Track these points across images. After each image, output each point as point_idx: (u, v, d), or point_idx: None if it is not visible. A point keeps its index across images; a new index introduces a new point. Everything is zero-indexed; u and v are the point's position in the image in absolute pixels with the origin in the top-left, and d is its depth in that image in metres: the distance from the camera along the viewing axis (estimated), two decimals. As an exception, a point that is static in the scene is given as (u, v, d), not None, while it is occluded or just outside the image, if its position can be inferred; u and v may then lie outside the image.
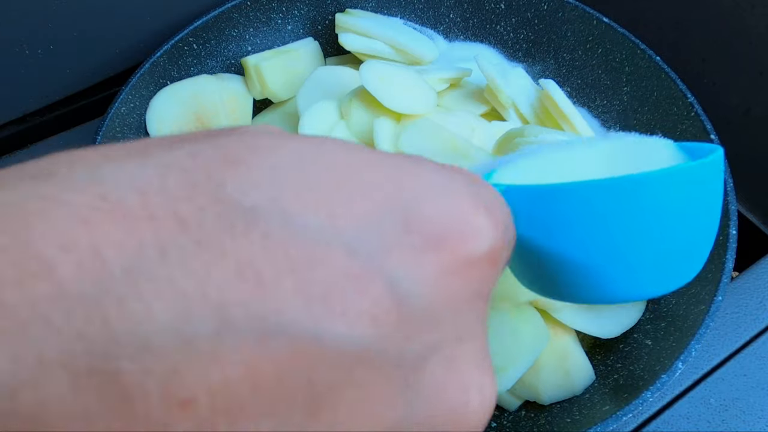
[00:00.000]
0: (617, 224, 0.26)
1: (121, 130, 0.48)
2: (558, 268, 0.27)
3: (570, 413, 0.40)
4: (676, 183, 0.26)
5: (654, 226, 0.26)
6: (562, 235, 0.26)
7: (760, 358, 0.43)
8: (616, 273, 0.27)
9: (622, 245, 0.26)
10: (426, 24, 0.60)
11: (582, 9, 0.54)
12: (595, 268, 0.27)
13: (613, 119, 0.54)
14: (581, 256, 0.26)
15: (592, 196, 0.26)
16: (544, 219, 0.26)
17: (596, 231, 0.26)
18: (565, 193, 0.26)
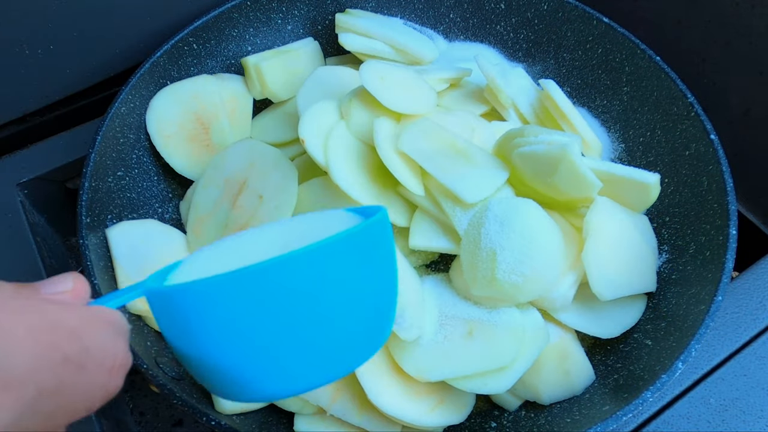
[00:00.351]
0: (265, 314, 0.22)
1: (121, 130, 0.48)
2: (220, 372, 0.24)
3: (570, 413, 0.40)
4: (321, 260, 0.22)
5: (316, 306, 0.23)
6: (208, 335, 0.23)
7: (760, 358, 0.43)
8: (278, 365, 0.23)
9: (281, 335, 0.23)
10: (426, 24, 0.60)
11: (582, 9, 0.54)
12: (256, 362, 0.23)
13: (613, 119, 0.54)
14: (234, 358, 0.23)
15: (216, 290, 0.22)
16: (187, 322, 0.23)
17: (244, 322, 0.22)
18: (186, 293, 0.22)
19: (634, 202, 0.45)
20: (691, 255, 0.44)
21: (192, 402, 0.36)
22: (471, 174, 0.42)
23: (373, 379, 0.39)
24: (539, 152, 0.41)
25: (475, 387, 0.38)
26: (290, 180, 0.44)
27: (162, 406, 0.52)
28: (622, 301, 0.43)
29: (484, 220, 0.40)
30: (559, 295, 0.41)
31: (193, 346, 0.24)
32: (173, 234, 0.46)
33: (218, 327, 0.23)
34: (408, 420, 0.38)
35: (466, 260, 0.41)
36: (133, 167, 0.50)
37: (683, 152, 0.48)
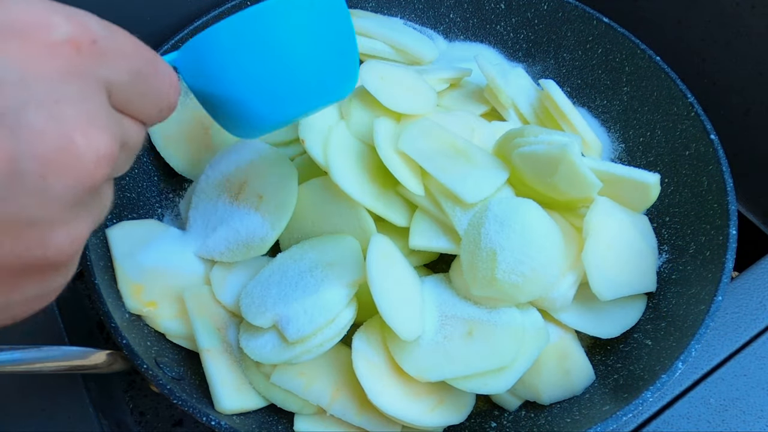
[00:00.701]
0: (251, 53, 0.30)
1: (121, 130, 0.48)
2: (230, 107, 0.31)
3: (570, 413, 0.40)
4: (289, 6, 0.30)
5: (287, 48, 0.31)
6: (218, 74, 0.31)
7: (760, 358, 0.43)
8: (269, 93, 0.31)
9: (263, 70, 0.30)
10: (426, 24, 0.60)
11: (582, 9, 0.54)
12: (253, 90, 0.31)
13: (613, 119, 0.54)
14: (236, 89, 0.31)
15: (224, 33, 0.30)
16: (203, 65, 0.31)
17: (239, 62, 0.30)
18: (206, 37, 0.30)
19: (634, 202, 0.45)
20: (691, 255, 0.44)
21: (192, 402, 0.37)
22: (471, 174, 0.42)
23: (373, 379, 0.39)
24: (539, 152, 0.41)
25: (475, 387, 0.38)
26: (290, 180, 0.44)
27: (162, 406, 0.52)
28: (622, 301, 0.43)
29: (484, 220, 0.40)
30: (559, 295, 0.41)
31: (212, 87, 0.31)
32: (173, 234, 0.46)
33: (230, 62, 0.30)
34: (408, 420, 0.38)
35: (466, 260, 0.41)
36: (133, 167, 0.50)
37: (683, 152, 0.48)
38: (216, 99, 0.32)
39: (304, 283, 0.40)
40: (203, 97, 0.32)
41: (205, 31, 0.31)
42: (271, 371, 0.40)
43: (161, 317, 0.42)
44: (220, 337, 0.42)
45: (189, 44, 0.31)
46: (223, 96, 0.31)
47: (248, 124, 0.33)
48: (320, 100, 0.34)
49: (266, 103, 0.32)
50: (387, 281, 0.38)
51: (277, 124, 0.33)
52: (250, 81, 0.31)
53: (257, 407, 0.41)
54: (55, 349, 0.37)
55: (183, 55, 0.31)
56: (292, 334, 0.38)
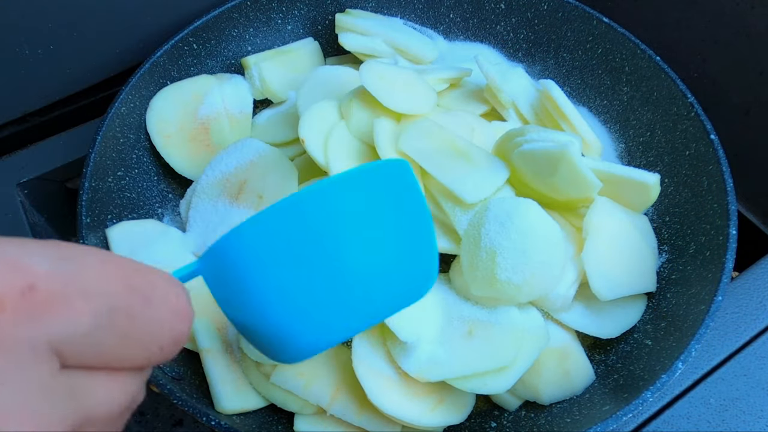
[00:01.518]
0: (288, 258, 0.23)
1: (121, 130, 0.48)
2: (265, 329, 0.24)
3: (570, 413, 0.40)
4: (345, 190, 0.23)
5: (338, 251, 0.23)
6: (247, 288, 0.23)
7: (760, 358, 0.43)
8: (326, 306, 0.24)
9: (305, 281, 0.23)
10: (426, 24, 0.60)
11: (582, 9, 0.54)
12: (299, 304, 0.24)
13: (613, 119, 0.54)
14: (270, 307, 0.24)
15: (251, 232, 0.23)
16: (229, 276, 0.24)
17: (272, 271, 0.23)
18: (231, 239, 0.23)
19: (634, 202, 0.45)
20: (691, 255, 0.44)
21: (192, 402, 0.37)
22: (471, 174, 0.42)
23: (373, 379, 0.39)
24: (539, 152, 0.41)
25: (475, 387, 0.38)
26: (290, 180, 0.44)
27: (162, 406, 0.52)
28: (622, 301, 0.43)
29: (484, 220, 0.40)
30: (559, 295, 0.41)
31: (246, 306, 0.24)
32: (173, 234, 0.46)
33: (265, 272, 0.23)
34: (408, 420, 0.38)
35: (466, 260, 0.41)
36: (133, 167, 0.50)
37: (683, 152, 0.48)
38: (248, 318, 0.24)
39: (304, 283, 0.40)
40: (233, 317, 0.25)
41: (230, 231, 0.24)
42: (271, 371, 0.40)
43: (161, 317, 0.42)
44: (220, 337, 0.42)
45: (213, 247, 0.24)
46: (255, 315, 0.24)
47: (291, 349, 0.25)
48: (384, 313, 0.26)
49: (310, 324, 0.24)
50: None
51: (327, 345, 0.26)
52: (288, 295, 0.23)
53: (257, 407, 0.41)
54: (55, 349, 0.37)
55: (206, 261, 0.24)
56: (292, 334, 0.38)
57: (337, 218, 0.23)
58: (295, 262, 0.23)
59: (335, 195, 0.23)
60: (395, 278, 0.25)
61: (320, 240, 0.23)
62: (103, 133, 0.46)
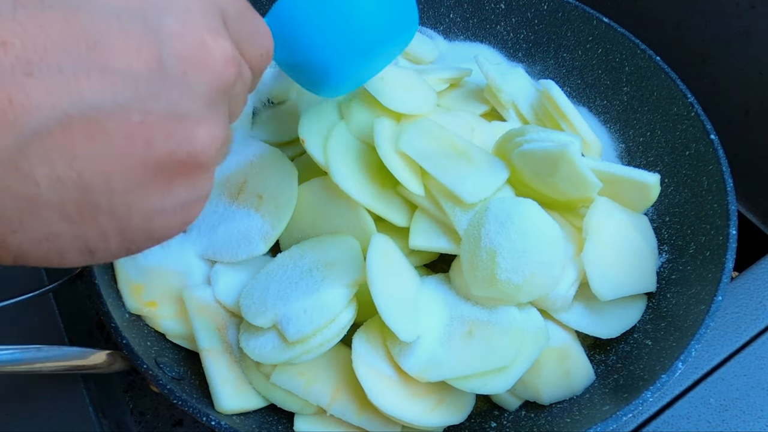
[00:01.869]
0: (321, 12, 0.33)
1: (121, 130, 0.48)
2: (307, 67, 0.35)
3: (570, 413, 0.40)
4: None
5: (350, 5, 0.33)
6: (292, 36, 0.34)
7: (760, 358, 0.43)
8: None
9: (330, 25, 0.33)
10: (426, 24, 0.60)
11: (582, 9, 0.54)
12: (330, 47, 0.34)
13: (613, 119, 0.54)
14: (310, 47, 0.34)
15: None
16: (281, 31, 0.33)
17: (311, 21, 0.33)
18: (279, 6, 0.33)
19: (634, 202, 0.45)
20: (691, 255, 0.44)
21: (192, 402, 0.37)
22: (471, 174, 0.42)
23: (373, 379, 0.39)
24: (539, 152, 0.41)
25: (475, 387, 0.38)
26: (290, 180, 0.44)
27: (162, 406, 0.52)
28: (622, 301, 0.43)
29: (484, 220, 0.40)
30: (559, 295, 0.41)
31: (289, 49, 0.34)
32: (173, 234, 0.46)
33: (302, 23, 0.33)
34: (408, 420, 0.38)
35: (466, 260, 0.41)
36: (133, 167, 0.50)
37: (683, 152, 0.48)
38: (294, 60, 0.35)
39: (304, 283, 0.40)
40: (284, 62, 0.36)
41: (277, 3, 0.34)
42: (271, 371, 0.40)
43: (161, 317, 0.42)
44: (220, 337, 0.42)
45: (274, 7, 0.34)
46: (299, 56, 0.34)
47: (327, 80, 0.36)
48: (385, 48, 0.36)
49: (337, 56, 0.34)
50: (387, 281, 0.38)
51: (350, 75, 0.36)
52: (321, 36, 0.34)
53: (257, 407, 0.41)
54: (55, 349, 0.37)
55: (271, 17, 0.34)
56: (292, 334, 0.38)
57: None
58: (328, 11, 0.33)
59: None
60: (388, 20, 0.35)
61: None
62: (103, 133, 0.46)
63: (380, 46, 0.36)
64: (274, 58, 0.32)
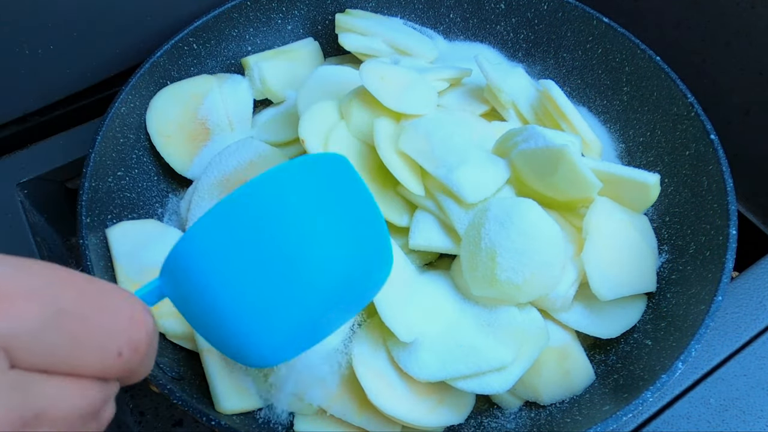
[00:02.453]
0: (237, 258, 0.22)
1: (121, 130, 0.48)
2: (229, 338, 0.24)
3: (570, 413, 0.40)
4: (288, 180, 0.23)
5: (287, 248, 0.22)
6: (202, 294, 0.23)
7: (760, 358, 0.43)
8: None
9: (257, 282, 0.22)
10: (426, 24, 0.60)
11: (582, 9, 0.54)
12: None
13: (613, 119, 0.54)
14: (229, 313, 0.23)
15: (199, 237, 0.23)
16: (185, 286, 0.24)
17: (224, 272, 0.22)
18: (181, 247, 0.23)
19: (634, 202, 0.45)
20: (691, 255, 0.44)
21: (192, 402, 0.37)
22: (471, 174, 0.42)
23: (373, 379, 0.39)
24: (539, 152, 0.41)
25: (475, 387, 0.38)
26: (290, 180, 0.44)
27: (162, 406, 0.52)
28: (622, 301, 0.43)
29: (485, 220, 0.40)
30: (559, 295, 0.41)
31: (208, 314, 0.24)
32: (173, 234, 0.46)
33: (218, 274, 0.23)
34: (408, 420, 0.38)
35: (466, 260, 0.41)
36: (133, 167, 0.50)
37: (683, 152, 0.48)
38: (212, 327, 0.24)
39: (304, 283, 0.40)
40: (199, 328, 0.25)
41: (179, 239, 0.24)
42: (271, 371, 0.40)
43: (161, 317, 0.42)
44: (220, 337, 0.42)
45: (167, 259, 0.24)
46: (217, 322, 0.24)
47: (255, 354, 0.25)
48: (345, 312, 0.26)
49: (272, 329, 0.23)
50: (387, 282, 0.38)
51: (293, 351, 0.26)
52: (245, 299, 0.23)
53: (257, 407, 0.41)
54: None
55: (164, 275, 0.24)
56: (292, 334, 0.38)
57: (282, 207, 0.23)
58: (247, 262, 0.22)
59: (276, 184, 0.23)
60: (352, 272, 0.24)
61: (269, 233, 0.22)
62: (103, 133, 0.46)
63: (338, 304, 0.25)
64: (182, 313, 0.25)
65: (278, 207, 0.23)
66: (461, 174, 0.42)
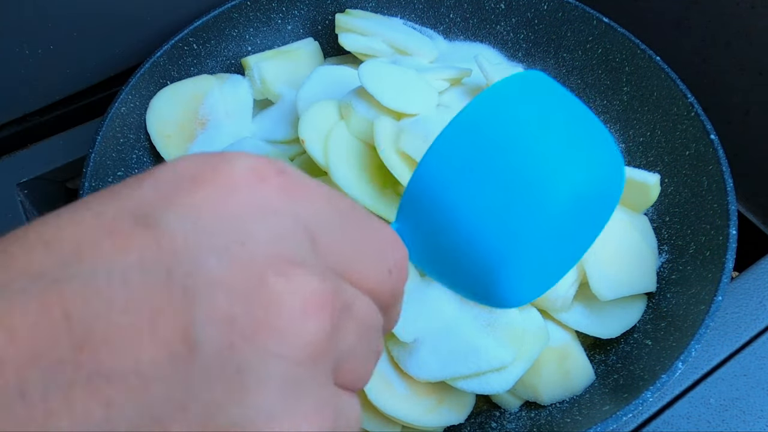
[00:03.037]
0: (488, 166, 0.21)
1: (121, 130, 0.48)
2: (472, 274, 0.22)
3: (570, 413, 0.40)
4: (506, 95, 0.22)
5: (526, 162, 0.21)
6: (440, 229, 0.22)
7: (760, 358, 0.43)
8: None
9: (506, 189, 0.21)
10: (426, 24, 0.60)
11: (582, 9, 0.54)
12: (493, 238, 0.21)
13: (613, 119, 0.54)
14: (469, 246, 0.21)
15: (431, 166, 0.21)
16: (422, 224, 0.22)
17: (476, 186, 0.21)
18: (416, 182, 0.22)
19: (634, 202, 0.45)
20: (691, 255, 0.44)
21: (192, 402, 0.36)
22: (471, 174, 0.42)
23: (373, 378, 0.39)
24: (539, 152, 0.41)
25: (475, 387, 0.38)
26: (290, 180, 0.44)
27: (162, 406, 0.52)
28: (622, 301, 0.43)
29: (484, 220, 0.40)
30: (559, 295, 0.41)
31: (451, 250, 0.22)
32: (173, 234, 0.46)
33: (466, 197, 0.21)
34: (408, 420, 0.38)
35: (466, 260, 0.41)
36: (133, 167, 0.50)
37: (683, 152, 0.48)
38: (456, 270, 0.23)
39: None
40: (436, 273, 0.24)
41: (415, 171, 0.22)
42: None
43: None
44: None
45: (404, 199, 0.22)
46: (463, 263, 0.22)
47: (505, 290, 0.23)
48: (587, 236, 0.24)
49: (521, 255, 0.22)
50: None
51: (542, 283, 0.24)
52: (490, 228, 0.21)
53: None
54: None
55: (404, 220, 0.22)
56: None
57: (513, 120, 0.22)
58: (488, 183, 0.21)
59: (503, 97, 0.22)
60: (592, 183, 0.22)
61: (504, 150, 0.21)
62: (103, 133, 0.46)
63: (578, 219, 0.23)
64: (416, 263, 0.23)
65: (509, 120, 0.22)
66: (461, 174, 0.42)
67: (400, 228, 0.23)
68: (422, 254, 0.23)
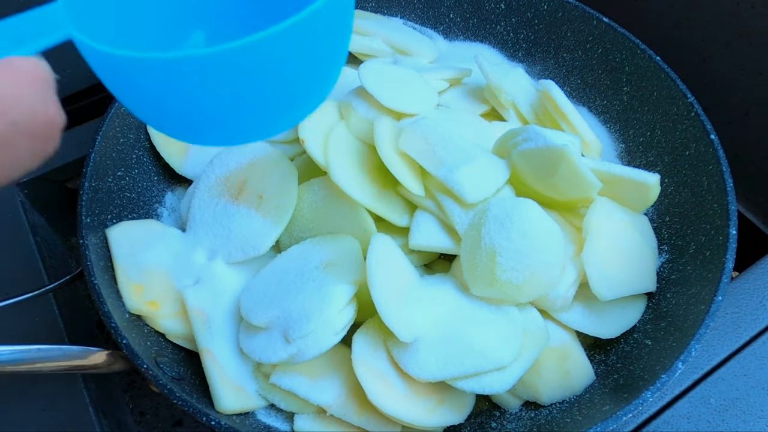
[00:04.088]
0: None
1: (121, 130, 0.48)
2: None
3: (570, 413, 0.40)
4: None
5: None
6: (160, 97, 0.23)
7: (760, 358, 0.43)
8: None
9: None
10: (426, 24, 0.60)
11: (582, 9, 0.54)
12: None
13: (613, 119, 0.54)
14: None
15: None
16: (129, 81, 0.23)
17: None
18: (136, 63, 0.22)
19: (634, 202, 0.45)
20: (691, 255, 0.44)
21: (192, 402, 0.37)
22: (472, 174, 0.42)
23: (373, 379, 0.39)
24: (539, 152, 0.41)
25: (475, 387, 0.38)
26: (290, 180, 0.44)
27: (162, 406, 0.52)
28: (622, 301, 0.43)
29: (485, 220, 0.40)
30: (559, 295, 0.41)
31: (145, 105, 0.24)
32: (173, 234, 0.46)
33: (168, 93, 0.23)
34: (408, 420, 0.38)
35: (466, 260, 0.41)
36: (133, 167, 0.50)
37: (683, 152, 0.48)
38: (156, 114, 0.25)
39: (304, 283, 0.40)
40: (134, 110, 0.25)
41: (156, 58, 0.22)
42: (271, 371, 0.40)
43: (161, 317, 0.42)
44: (220, 337, 0.42)
45: (111, 56, 0.23)
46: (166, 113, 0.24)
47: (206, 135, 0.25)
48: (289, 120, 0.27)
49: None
50: (387, 282, 0.38)
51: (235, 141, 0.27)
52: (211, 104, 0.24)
53: (257, 407, 0.41)
54: (55, 349, 0.37)
55: (93, 56, 0.23)
56: (292, 334, 0.38)
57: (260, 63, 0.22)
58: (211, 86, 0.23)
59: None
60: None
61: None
62: (103, 133, 0.46)
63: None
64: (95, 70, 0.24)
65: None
66: (461, 174, 0.42)
67: (88, 48, 0.23)
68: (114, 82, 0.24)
